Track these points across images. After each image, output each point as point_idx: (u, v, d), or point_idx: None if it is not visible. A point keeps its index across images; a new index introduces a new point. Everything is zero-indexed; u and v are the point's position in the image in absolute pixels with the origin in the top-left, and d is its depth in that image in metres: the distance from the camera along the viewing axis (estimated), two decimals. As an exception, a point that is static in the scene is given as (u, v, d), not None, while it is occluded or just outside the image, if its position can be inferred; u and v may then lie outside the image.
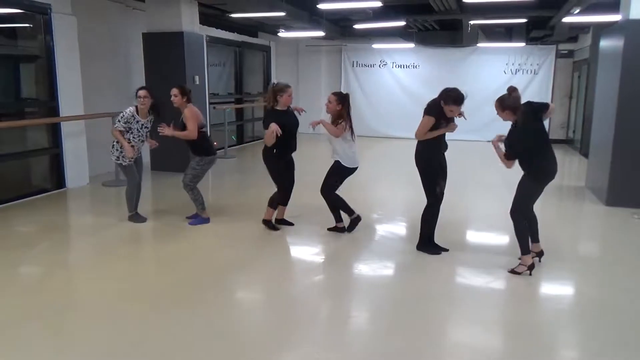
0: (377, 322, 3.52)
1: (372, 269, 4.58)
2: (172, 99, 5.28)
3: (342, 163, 5.08)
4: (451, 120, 4.51)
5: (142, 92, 5.34)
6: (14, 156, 7.03)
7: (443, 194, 4.67)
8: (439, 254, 4.72)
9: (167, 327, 3.33)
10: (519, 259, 4.34)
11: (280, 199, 5.37)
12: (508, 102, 4.09)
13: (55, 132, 7.06)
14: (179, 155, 8.27)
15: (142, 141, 5.55)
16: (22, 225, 5.70)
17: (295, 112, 5.31)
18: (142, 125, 5.45)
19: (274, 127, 4.84)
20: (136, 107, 5.39)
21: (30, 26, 7.04)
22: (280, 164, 5.22)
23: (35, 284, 4.17)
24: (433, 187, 4.61)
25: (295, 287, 4.12)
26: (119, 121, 5.35)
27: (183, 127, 5.28)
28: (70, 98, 7.06)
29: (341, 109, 4.98)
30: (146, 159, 8.84)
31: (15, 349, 3.05)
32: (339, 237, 5.28)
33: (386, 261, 4.70)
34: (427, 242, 4.78)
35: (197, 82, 8.55)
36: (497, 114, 4.19)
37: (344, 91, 5.60)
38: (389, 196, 6.93)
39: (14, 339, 3.17)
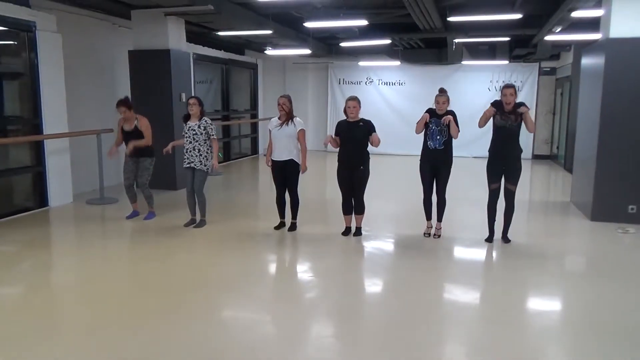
0: (364, 341, 3.47)
1: (360, 285, 4.55)
2: (122, 113, 6.17)
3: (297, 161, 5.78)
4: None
5: (191, 100, 5.90)
6: (-4, 174, 6.91)
7: (492, 191, 5.46)
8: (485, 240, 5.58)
9: (150, 347, 3.25)
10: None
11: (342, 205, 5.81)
12: None
13: (38, 149, 6.96)
14: (166, 173, 8.26)
15: (192, 145, 5.90)
16: (3, 244, 5.57)
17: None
18: (189, 127, 5.90)
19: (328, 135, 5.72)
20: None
21: (14, 43, 6.98)
22: (339, 167, 5.65)
23: (16, 304, 4.05)
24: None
25: (282, 304, 4.06)
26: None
27: (137, 135, 6.16)
28: (54, 115, 6.99)
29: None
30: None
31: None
32: (329, 254, 5.26)
33: (374, 278, 4.67)
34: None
35: (184, 100, 8.53)
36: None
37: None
38: (376, 212, 6.92)
39: (-9, 363, 3.07)
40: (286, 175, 5.77)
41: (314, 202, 7.80)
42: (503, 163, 5.32)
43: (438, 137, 5.45)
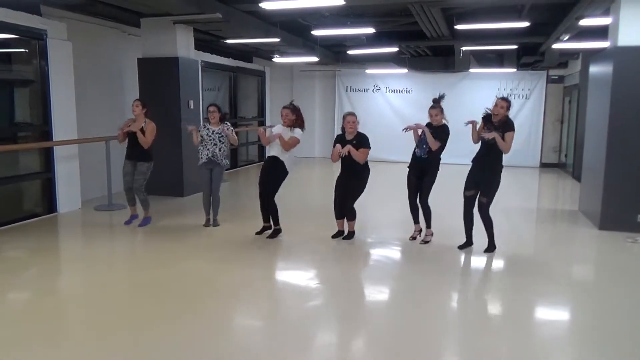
0: (367, 349, 3.46)
1: (364, 293, 4.54)
2: (134, 109, 6.24)
3: (286, 166, 5.75)
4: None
5: (211, 108, 6.31)
6: (6, 180, 6.96)
7: (465, 198, 5.40)
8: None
9: (155, 353, 3.26)
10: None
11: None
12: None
13: (47, 156, 7.03)
14: (174, 179, 8.30)
15: (216, 146, 6.24)
16: (11, 250, 5.62)
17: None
18: (212, 131, 6.23)
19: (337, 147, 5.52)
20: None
21: (25, 51, 7.07)
22: (339, 174, 5.81)
23: (24, 309, 4.08)
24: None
25: (288, 313, 4.06)
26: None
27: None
28: (64, 122, 7.06)
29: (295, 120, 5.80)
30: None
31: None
32: (333, 262, 5.25)
33: (378, 285, 4.65)
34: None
35: (192, 107, 8.60)
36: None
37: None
38: (382, 220, 6.91)
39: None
40: (269, 171, 5.84)
41: (318, 208, 7.79)
42: (481, 173, 5.31)
43: (424, 145, 5.53)
